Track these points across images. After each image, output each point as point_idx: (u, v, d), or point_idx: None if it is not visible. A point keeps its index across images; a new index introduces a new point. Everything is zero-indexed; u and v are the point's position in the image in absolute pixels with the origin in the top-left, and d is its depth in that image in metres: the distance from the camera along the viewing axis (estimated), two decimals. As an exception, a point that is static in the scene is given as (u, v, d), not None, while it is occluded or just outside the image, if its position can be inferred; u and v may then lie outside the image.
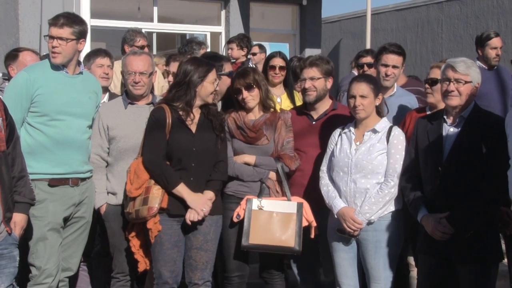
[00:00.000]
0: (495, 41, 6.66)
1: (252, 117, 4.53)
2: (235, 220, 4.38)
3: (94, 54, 5.30)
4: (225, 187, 4.51)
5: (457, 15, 13.66)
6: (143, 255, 4.37)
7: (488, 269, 3.89)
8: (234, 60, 7.44)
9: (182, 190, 4.20)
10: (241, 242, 4.30)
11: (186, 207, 4.23)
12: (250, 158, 4.46)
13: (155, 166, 4.23)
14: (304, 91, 4.64)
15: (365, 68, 5.88)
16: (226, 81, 4.81)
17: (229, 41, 7.69)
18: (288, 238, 4.27)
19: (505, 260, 5.00)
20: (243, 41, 7.63)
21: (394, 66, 5.09)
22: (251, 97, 4.48)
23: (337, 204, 4.26)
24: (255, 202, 4.34)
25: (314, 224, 4.39)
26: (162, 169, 4.22)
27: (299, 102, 5.46)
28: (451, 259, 3.89)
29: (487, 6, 12.97)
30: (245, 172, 4.44)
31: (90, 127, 4.45)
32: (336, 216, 4.26)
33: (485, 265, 3.87)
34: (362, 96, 4.22)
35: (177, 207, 4.23)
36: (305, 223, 4.37)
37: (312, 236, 4.39)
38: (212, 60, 4.60)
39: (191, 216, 4.20)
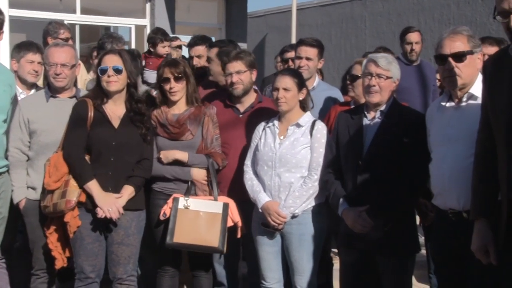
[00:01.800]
0: (412, 36, 6.84)
1: (176, 111, 4.49)
2: (161, 218, 4.35)
3: (25, 48, 5.07)
4: (153, 183, 4.47)
5: (380, 12, 13.97)
6: (61, 251, 4.27)
7: (405, 260, 3.98)
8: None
9: (92, 187, 4.14)
10: (166, 240, 4.28)
11: None
12: (183, 155, 4.40)
13: (72, 159, 4.17)
14: (231, 85, 4.63)
15: (290, 62, 5.91)
16: None
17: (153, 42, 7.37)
18: (212, 238, 4.26)
19: (423, 251, 5.17)
20: (164, 34, 7.49)
21: (307, 58, 5.13)
22: (178, 88, 4.44)
23: (262, 198, 4.28)
24: (182, 201, 4.31)
25: (239, 224, 4.39)
26: (78, 163, 4.16)
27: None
28: (370, 251, 3.96)
29: (408, 4, 13.32)
30: (172, 173, 4.41)
31: (5, 121, 4.32)
32: (260, 210, 4.28)
33: (403, 256, 3.96)
34: (285, 89, 4.25)
35: (93, 202, 4.16)
36: (230, 223, 4.36)
37: (239, 236, 4.39)
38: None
39: (100, 212, 4.14)
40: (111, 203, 4.14)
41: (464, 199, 3.44)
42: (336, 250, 5.13)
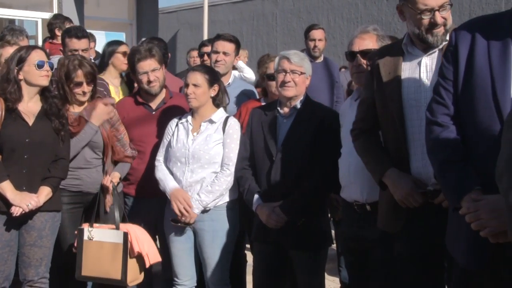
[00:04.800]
0: (315, 33, 6.98)
1: (76, 109, 4.41)
2: (74, 251, 4.23)
3: None
4: None
5: (291, 10, 14.17)
6: None
7: (318, 253, 4.06)
8: None
9: (5, 187, 3.98)
10: (75, 274, 4.18)
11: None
12: (116, 176, 4.36)
13: None
14: (148, 84, 4.56)
15: (205, 57, 5.88)
16: None
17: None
18: (115, 270, 4.14)
19: (334, 245, 5.29)
20: (67, 18, 7.33)
21: (224, 53, 5.12)
22: (89, 90, 4.37)
23: (170, 185, 4.24)
24: (86, 233, 4.21)
25: (144, 253, 4.26)
26: None
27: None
28: (284, 245, 4.02)
29: (318, 2, 13.59)
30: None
31: None
32: (170, 200, 4.23)
33: (315, 250, 4.03)
34: (195, 85, 4.24)
35: (6, 204, 4.00)
36: (137, 250, 4.22)
37: (147, 266, 4.27)
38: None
39: (15, 210, 3.98)
40: (29, 199, 4.00)
41: (367, 192, 3.58)
42: (249, 246, 5.17)
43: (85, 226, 4.23)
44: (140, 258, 4.24)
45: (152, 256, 4.27)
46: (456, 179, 2.59)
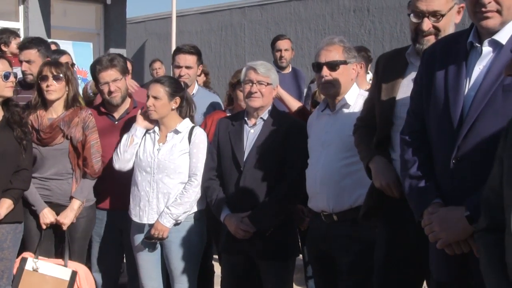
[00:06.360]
0: (281, 43, 7.03)
1: (53, 115, 4.36)
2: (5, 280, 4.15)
3: None
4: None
5: (258, 21, 14.21)
6: None
7: (286, 263, 4.06)
8: None
9: None
10: None
11: None
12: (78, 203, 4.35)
13: None
14: (109, 94, 4.53)
15: None
16: None
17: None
18: None
19: (300, 255, 5.29)
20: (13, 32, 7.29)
21: (187, 67, 5.08)
22: (55, 88, 4.31)
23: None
24: (30, 263, 4.15)
25: None
26: None
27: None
28: (252, 256, 4.02)
29: (286, 14, 13.64)
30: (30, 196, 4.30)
31: None
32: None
33: (283, 260, 4.03)
34: (155, 97, 4.23)
35: None
36: None
37: None
38: None
39: None
40: None
41: (333, 202, 3.60)
42: (217, 257, 5.15)
43: (30, 256, 4.18)
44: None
45: None
46: (418, 194, 2.68)
